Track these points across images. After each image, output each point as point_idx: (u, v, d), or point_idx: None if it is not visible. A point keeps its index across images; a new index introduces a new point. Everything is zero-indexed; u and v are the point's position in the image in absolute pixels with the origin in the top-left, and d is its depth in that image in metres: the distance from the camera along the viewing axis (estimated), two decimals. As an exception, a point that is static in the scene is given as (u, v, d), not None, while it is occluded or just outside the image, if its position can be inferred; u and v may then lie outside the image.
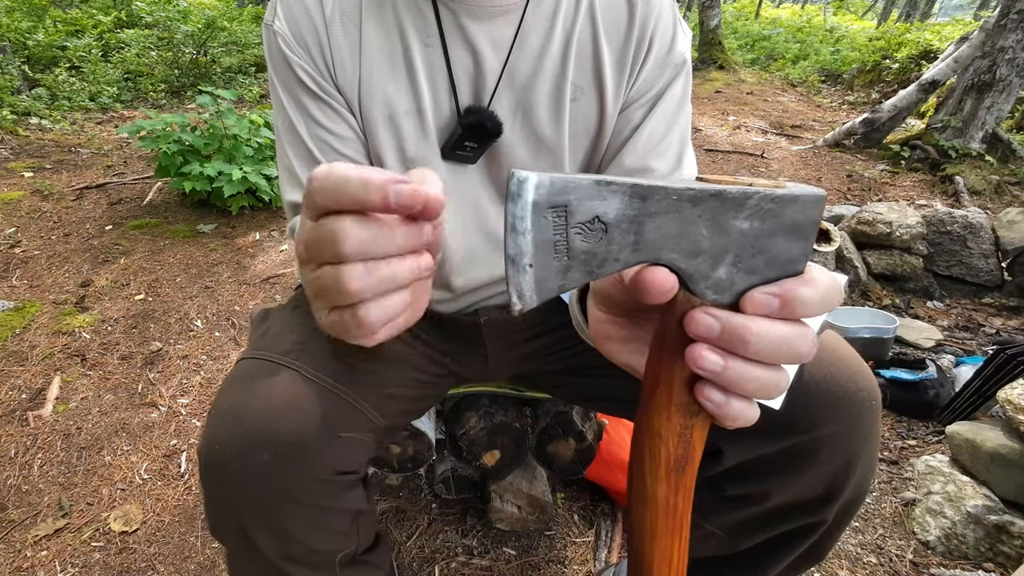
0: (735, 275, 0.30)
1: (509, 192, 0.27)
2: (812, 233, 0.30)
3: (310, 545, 0.64)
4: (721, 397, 0.31)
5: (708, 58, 7.67)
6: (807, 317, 0.30)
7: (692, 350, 0.30)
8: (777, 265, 0.30)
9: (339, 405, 0.64)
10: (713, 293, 0.30)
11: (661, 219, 0.28)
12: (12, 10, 5.51)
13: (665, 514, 0.35)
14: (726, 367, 0.30)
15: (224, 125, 2.79)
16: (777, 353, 0.30)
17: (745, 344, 0.29)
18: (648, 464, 0.34)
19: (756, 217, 0.29)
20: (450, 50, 0.66)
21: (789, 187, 0.29)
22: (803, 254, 0.30)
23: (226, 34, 6.27)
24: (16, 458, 1.44)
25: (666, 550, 0.36)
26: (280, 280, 2.38)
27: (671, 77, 0.71)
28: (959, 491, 1.28)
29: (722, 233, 0.29)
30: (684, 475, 0.34)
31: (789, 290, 0.29)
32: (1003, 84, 3.70)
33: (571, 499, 1.36)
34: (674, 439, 0.33)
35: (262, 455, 0.57)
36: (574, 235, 0.28)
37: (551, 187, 0.27)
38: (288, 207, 0.75)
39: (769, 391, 0.31)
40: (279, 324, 0.72)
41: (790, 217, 0.29)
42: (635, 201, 0.28)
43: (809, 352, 0.30)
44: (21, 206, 2.87)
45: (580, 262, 0.28)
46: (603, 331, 0.40)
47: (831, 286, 0.30)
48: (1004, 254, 2.33)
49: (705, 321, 0.30)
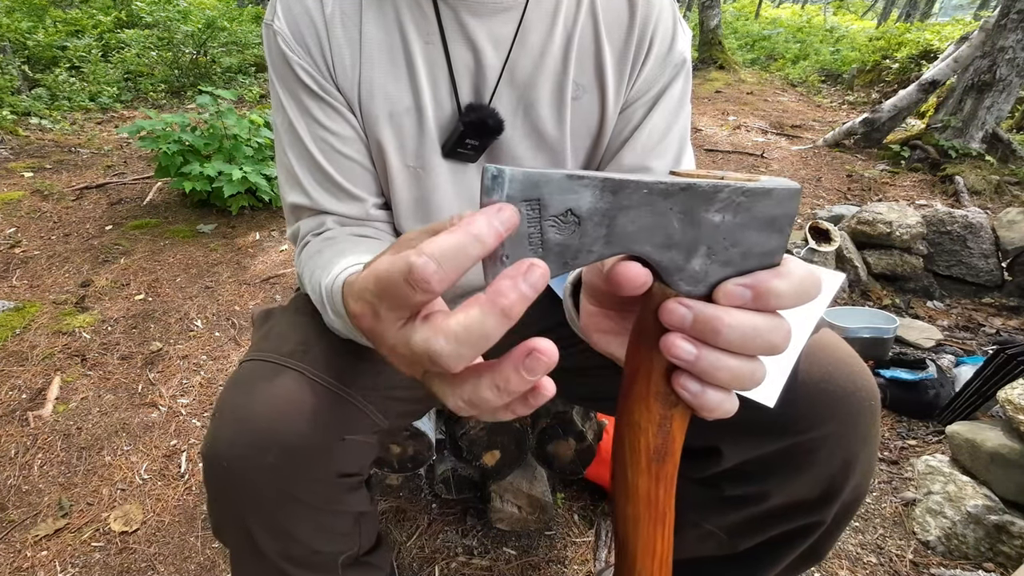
0: (709, 267, 0.30)
1: (484, 186, 0.27)
2: (787, 226, 0.30)
3: (312, 546, 0.65)
4: (697, 387, 0.31)
5: (708, 58, 7.67)
6: (781, 309, 0.30)
7: (666, 339, 0.31)
8: (753, 257, 0.30)
9: (343, 407, 0.64)
10: (687, 285, 0.31)
11: (633, 212, 0.29)
12: (12, 10, 5.51)
13: (647, 504, 0.35)
14: (699, 356, 0.30)
15: (224, 125, 2.79)
16: (750, 344, 0.30)
17: (717, 334, 0.29)
18: (629, 455, 0.35)
19: (728, 210, 0.29)
20: (451, 48, 0.66)
21: (763, 180, 0.30)
22: (779, 247, 0.30)
23: (226, 34, 6.27)
24: (16, 458, 1.44)
25: (649, 540, 0.36)
26: (280, 280, 2.38)
27: (671, 77, 0.71)
28: (959, 491, 1.28)
29: (694, 226, 0.29)
30: (665, 465, 0.34)
31: (762, 281, 0.30)
32: (1003, 84, 3.70)
33: (571, 499, 1.36)
34: (653, 429, 0.34)
35: (266, 457, 0.57)
36: (548, 227, 0.28)
37: (524, 181, 0.27)
38: (288, 208, 0.74)
39: (743, 382, 0.31)
40: (282, 325, 0.72)
41: (763, 210, 0.29)
42: (607, 195, 0.28)
43: (782, 344, 0.31)
44: (21, 206, 2.87)
45: (554, 254, 0.29)
46: (593, 324, 0.41)
47: (806, 278, 0.30)
48: (1004, 254, 2.33)
49: (678, 311, 0.30)
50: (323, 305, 0.57)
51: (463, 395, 0.29)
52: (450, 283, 0.26)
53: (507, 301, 0.26)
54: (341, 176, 0.70)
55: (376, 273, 0.29)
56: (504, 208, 0.26)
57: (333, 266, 0.56)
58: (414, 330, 0.28)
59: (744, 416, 0.60)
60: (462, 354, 0.27)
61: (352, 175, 0.70)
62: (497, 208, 0.26)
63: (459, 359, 0.27)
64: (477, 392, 0.28)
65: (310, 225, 0.72)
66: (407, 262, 0.26)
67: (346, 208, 0.71)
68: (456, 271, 0.26)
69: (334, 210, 0.71)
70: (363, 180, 0.71)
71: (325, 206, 0.70)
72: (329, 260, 0.60)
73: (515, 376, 0.27)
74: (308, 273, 0.64)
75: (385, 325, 0.30)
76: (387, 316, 0.29)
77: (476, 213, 0.27)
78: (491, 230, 0.26)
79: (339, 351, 0.66)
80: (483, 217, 0.26)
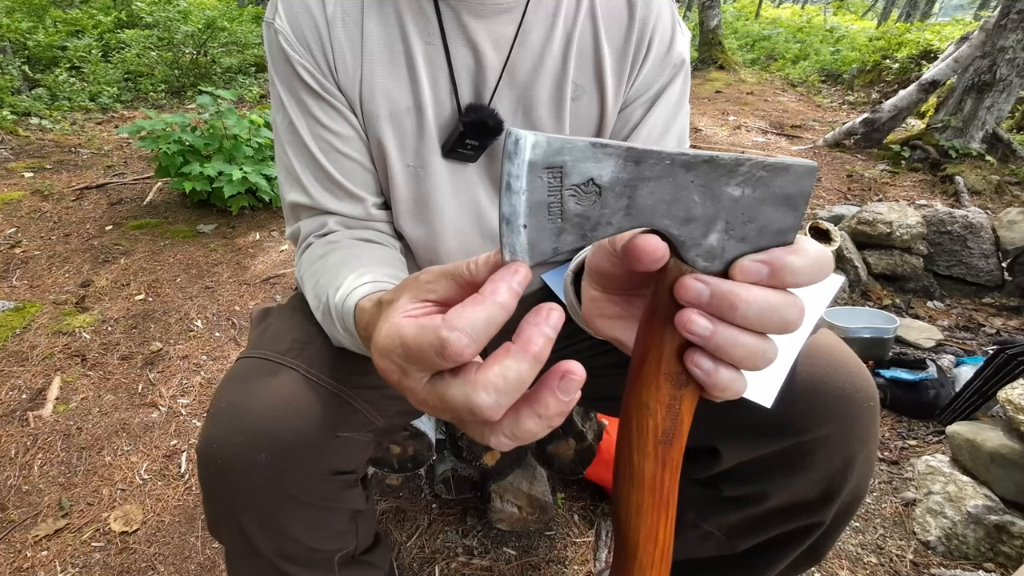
0: (726, 243, 0.30)
1: (506, 150, 0.27)
2: (803, 204, 0.30)
3: (308, 544, 0.64)
4: (710, 364, 0.31)
5: (708, 58, 7.67)
6: (796, 286, 0.31)
7: (682, 315, 0.31)
8: (768, 234, 0.30)
9: (338, 404, 0.64)
10: (704, 260, 0.31)
11: (655, 184, 0.29)
12: (12, 10, 5.51)
13: (651, 490, 0.35)
14: (715, 332, 0.30)
15: (224, 125, 2.79)
16: (765, 320, 0.30)
17: (734, 310, 0.30)
18: (636, 438, 0.34)
19: (748, 184, 0.29)
20: (451, 48, 0.66)
21: (781, 157, 0.30)
22: (794, 224, 0.31)
23: (226, 34, 6.27)
24: (16, 458, 1.44)
25: (652, 526, 0.36)
26: (280, 280, 2.38)
27: (670, 77, 0.72)
28: (959, 491, 1.28)
29: (714, 199, 0.29)
30: (672, 448, 0.34)
31: (778, 258, 0.30)
32: (1003, 84, 3.70)
33: (571, 499, 1.36)
34: (663, 410, 0.33)
35: (260, 454, 0.57)
36: (568, 197, 0.28)
37: (548, 147, 0.27)
38: (288, 207, 0.74)
39: (756, 360, 0.31)
40: (278, 323, 0.72)
41: (781, 186, 0.30)
42: (629, 165, 0.28)
43: (797, 321, 0.31)
44: (21, 206, 2.87)
45: (573, 224, 0.29)
46: (597, 309, 0.41)
47: (821, 256, 0.31)
48: (1004, 254, 2.33)
49: (695, 287, 0.30)
50: (330, 319, 0.58)
51: (504, 432, 0.30)
52: (480, 350, 0.28)
53: (538, 348, 0.28)
54: (341, 175, 0.70)
55: (404, 340, 0.30)
56: (519, 269, 0.28)
57: (341, 281, 0.57)
58: (448, 386, 0.29)
59: (743, 416, 0.60)
60: (503, 404, 0.28)
61: (352, 174, 0.70)
62: (513, 271, 0.28)
63: (500, 409, 0.28)
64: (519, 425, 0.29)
65: (311, 226, 0.72)
66: (439, 337, 0.27)
67: (346, 207, 0.71)
68: (486, 339, 0.28)
69: (334, 209, 0.71)
70: (363, 179, 0.72)
71: (325, 205, 0.70)
72: (336, 271, 0.60)
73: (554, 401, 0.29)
74: (312, 279, 0.64)
75: (413, 382, 0.31)
76: (415, 374, 0.30)
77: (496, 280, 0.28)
78: (511, 295, 0.28)
79: (335, 349, 0.66)
80: (504, 285, 0.28)
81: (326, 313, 0.59)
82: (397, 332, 0.30)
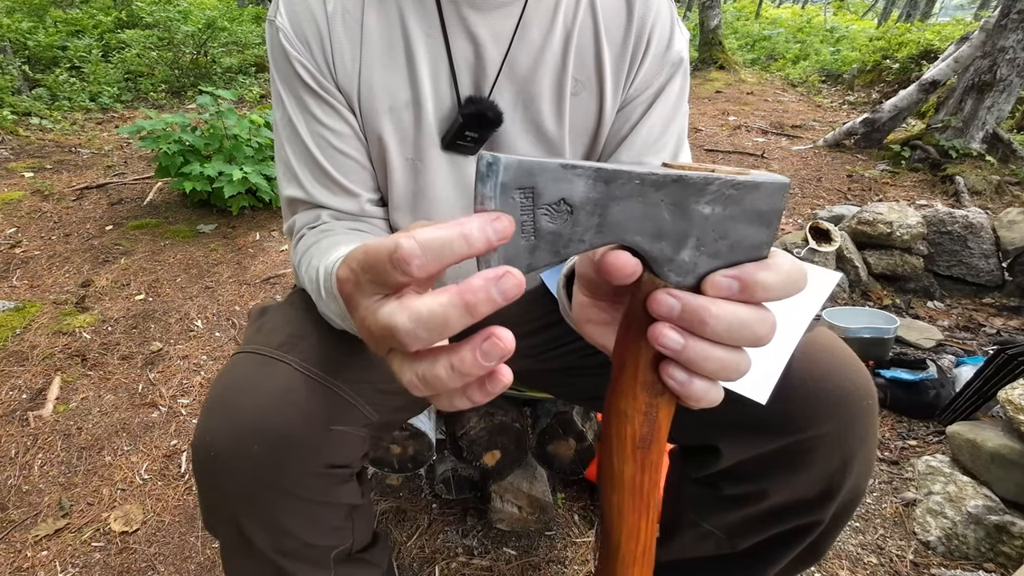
0: (698, 258, 0.31)
1: (479, 172, 0.27)
2: (775, 220, 0.31)
3: (304, 539, 0.65)
4: (684, 376, 0.32)
5: (708, 58, 7.67)
6: (768, 301, 0.31)
7: (654, 328, 0.31)
8: (741, 250, 0.31)
9: (331, 399, 0.65)
10: (676, 275, 0.31)
11: (625, 202, 0.29)
12: (12, 10, 5.52)
13: (632, 493, 0.36)
14: (686, 346, 0.31)
15: (224, 125, 2.79)
16: (735, 335, 0.30)
17: (704, 324, 0.30)
18: (615, 443, 0.35)
19: (718, 202, 0.30)
20: (451, 41, 0.67)
21: (752, 175, 0.30)
22: (767, 240, 0.31)
23: (226, 34, 6.28)
24: (16, 458, 1.44)
25: (633, 526, 0.37)
26: (280, 280, 2.38)
27: (669, 76, 0.72)
28: (960, 491, 1.28)
29: (684, 217, 0.30)
30: (650, 452, 0.35)
31: (749, 274, 0.30)
32: (1003, 84, 3.70)
33: (571, 499, 1.36)
34: (639, 418, 0.34)
35: (252, 447, 0.58)
36: (541, 216, 0.28)
37: (519, 169, 0.27)
38: (285, 202, 0.75)
39: (729, 373, 0.32)
40: (275, 319, 0.72)
41: (752, 203, 0.30)
42: (600, 184, 0.28)
43: (768, 336, 0.31)
44: (21, 206, 2.87)
45: (546, 242, 0.29)
46: (585, 315, 0.41)
47: (794, 271, 0.31)
48: (1005, 254, 2.33)
49: (666, 301, 0.31)
50: (318, 288, 0.58)
51: (417, 371, 0.29)
52: (430, 273, 0.27)
53: (474, 299, 0.26)
54: (337, 172, 0.70)
55: (366, 247, 0.29)
56: (501, 218, 0.27)
57: (332, 252, 0.57)
58: (383, 304, 0.29)
59: (742, 415, 0.60)
60: (419, 336, 0.27)
61: (348, 171, 0.71)
62: (494, 216, 0.27)
63: (416, 339, 0.27)
64: (432, 369, 0.29)
65: (306, 219, 0.73)
66: (395, 241, 0.26)
67: (341, 203, 0.72)
68: (438, 263, 0.26)
69: (329, 204, 0.72)
70: (359, 176, 0.72)
71: (320, 200, 0.71)
72: (328, 248, 0.60)
73: (470, 357, 0.28)
74: (305, 262, 0.64)
75: (362, 295, 0.30)
76: (367, 288, 0.29)
77: (473, 216, 0.27)
78: (482, 234, 0.26)
79: (330, 344, 0.67)
80: (478, 221, 0.26)
81: (316, 286, 0.59)
82: (363, 243, 0.30)
